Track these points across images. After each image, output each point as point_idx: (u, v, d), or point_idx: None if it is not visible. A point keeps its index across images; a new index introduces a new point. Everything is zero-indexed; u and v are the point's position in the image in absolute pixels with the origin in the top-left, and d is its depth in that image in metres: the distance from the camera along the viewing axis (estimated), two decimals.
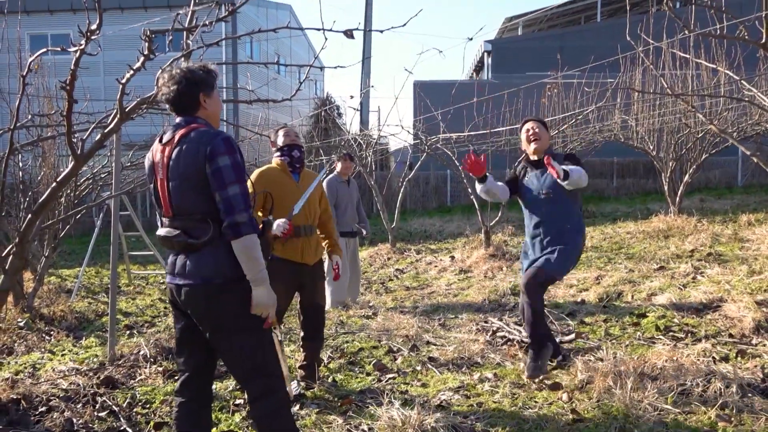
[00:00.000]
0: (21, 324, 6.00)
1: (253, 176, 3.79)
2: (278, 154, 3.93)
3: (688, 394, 3.43)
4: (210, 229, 2.42)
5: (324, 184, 6.15)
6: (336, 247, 4.24)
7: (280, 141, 3.95)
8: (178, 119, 2.58)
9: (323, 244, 4.19)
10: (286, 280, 3.71)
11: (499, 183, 4.21)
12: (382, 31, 3.39)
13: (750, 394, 3.42)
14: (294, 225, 3.66)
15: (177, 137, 2.49)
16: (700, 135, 10.37)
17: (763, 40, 4.47)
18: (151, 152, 2.61)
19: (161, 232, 2.55)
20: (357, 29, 3.12)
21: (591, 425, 3.14)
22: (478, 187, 4.12)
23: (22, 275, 6.98)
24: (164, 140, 2.54)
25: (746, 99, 6.30)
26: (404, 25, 3.39)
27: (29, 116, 5.11)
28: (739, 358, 4.10)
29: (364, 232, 7.03)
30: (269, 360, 2.57)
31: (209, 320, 2.48)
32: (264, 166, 4.06)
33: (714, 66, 6.32)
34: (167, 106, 2.60)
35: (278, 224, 3.35)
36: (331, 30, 3.16)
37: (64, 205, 7.10)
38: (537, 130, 4.10)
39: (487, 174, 4.05)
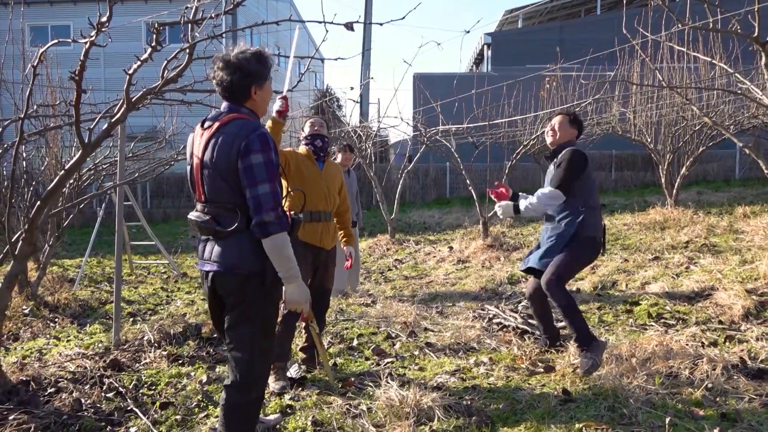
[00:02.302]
0: (26, 311, 6.11)
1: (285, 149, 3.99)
2: (304, 142, 4.11)
3: (676, 377, 3.55)
4: (238, 219, 2.46)
5: None
6: (351, 237, 4.38)
7: (305, 130, 4.14)
8: (223, 105, 2.60)
9: (339, 233, 4.32)
10: (306, 262, 3.86)
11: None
12: (382, 24, 3.48)
13: (735, 377, 3.53)
14: (314, 211, 3.89)
15: (217, 125, 2.51)
16: (697, 128, 10.46)
17: (755, 34, 4.56)
18: (192, 135, 2.64)
19: (192, 215, 2.61)
20: (357, 22, 3.20)
21: (581, 405, 3.26)
22: (522, 205, 4.19)
23: (27, 263, 7.08)
24: (206, 125, 2.57)
25: (740, 92, 6.38)
26: (403, 18, 3.49)
27: (34, 107, 5.19)
28: (727, 343, 4.22)
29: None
30: (265, 360, 2.64)
31: (229, 303, 2.56)
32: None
33: (710, 59, 6.40)
34: (216, 89, 2.59)
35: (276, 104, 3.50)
36: (332, 23, 3.25)
37: (67, 195, 7.19)
38: (556, 127, 4.20)
39: (518, 194, 4.27)
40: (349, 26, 3.23)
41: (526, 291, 4.46)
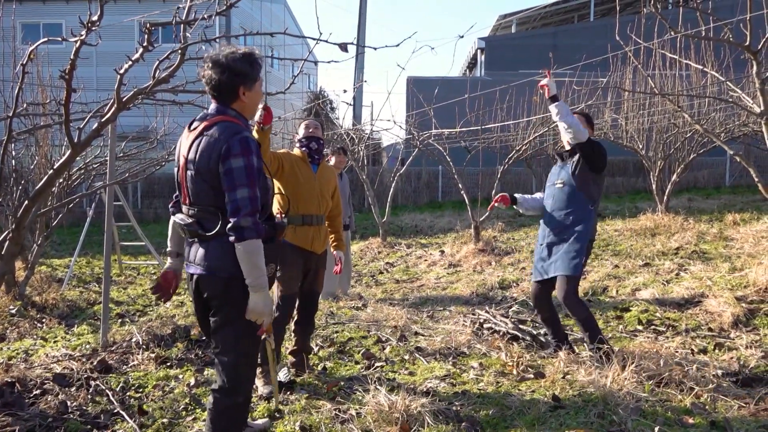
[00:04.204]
0: (13, 311, 6.04)
1: (279, 151, 3.95)
2: (298, 145, 4.06)
3: (666, 384, 3.55)
4: (219, 221, 2.46)
5: None
6: (341, 242, 4.33)
7: (300, 133, 4.09)
8: (211, 106, 2.59)
9: (330, 237, 4.29)
10: (298, 265, 3.83)
11: (537, 194, 4.58)
12: (375, 48, 3.50)
13: (725, 384, 3.54)
14: (306, 214, 3.86)
15: (201, 127, 2.50)
16: (688, 135, 10.51)
17: (747, 42, 4.59)
18: (181, 137, 2.64)
19: (177, 218, 2.60)
20: (351, 43, 3.21)
21: (571, 411, 3.25)
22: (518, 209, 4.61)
23: (14, 263, 7.01)
24: (192, 127, 2.56)
25: (731, 100, 6.42)
26: (398, 45, 3.55)
27: (24, 105, 5.15)
28: (716, 351, 4.23)
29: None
30: (250, 362, 2.64)
31: (214, 306, 2.55)
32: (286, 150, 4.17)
33: (701, 67, 6.44)
34: (206, 88, 2.58)
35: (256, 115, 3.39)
36: (327, 41, 3.25)
37: (56, 194, 7.13)
38: None
39: (516, 197, 4.55)
40: (343, 47, 3.24)
41: (532, 299, 4.47)
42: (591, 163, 4.08)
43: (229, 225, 2.40)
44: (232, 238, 2.40)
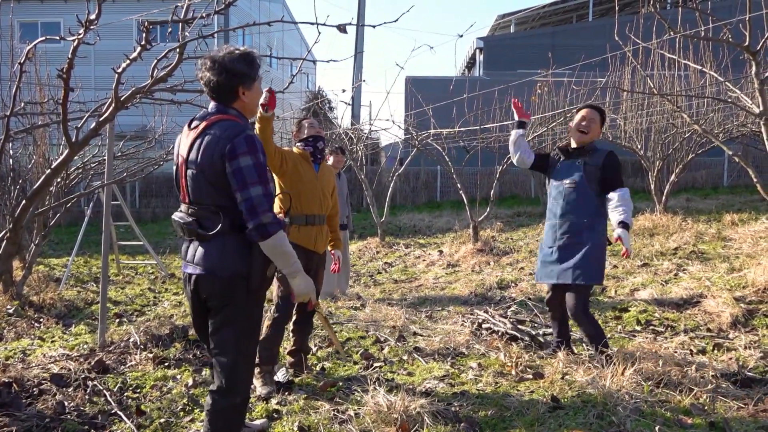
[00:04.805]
0: (10, 311, 6.02)
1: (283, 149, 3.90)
2: (301, 144, 4.00)
3: (665, 384, 3.54)
4: (220, 221, 2.44)
5: None
6: (338, 241, 4.33)
7: (305, 132, 4.02)
8: (210, 105, 2.57)
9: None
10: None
11: (531, 154, 4.35)
12: (374, 26, 3.47)
13: (724, 385, 3.54)
14: (309, 214, 3.84)
15: (203, 126, 2.49)
16: (686, 135, 10.52)
17: (746, 43, 4.59)
18: (180, 135, 2.62)
19: (176, 216, 2.58)
20: (350, 24, 3.19)
21: (570, 412, 3.25)
22: (516, 132, 4.34)
23: (12, 263, 6.99)
24: (192, 126, 2.55)
25: (730, 100, 6.42)
26: (396, 20, 3.49)
27: (21, 104, 5.14)
28: (715, 351, 4.23)
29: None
30: (250, 362, 2.63)
31: (213, 306, 2.53)
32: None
33: (700, 67, 6.44)
34: (204, 89, 2.57)
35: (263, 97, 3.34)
36: (324, 24, 3.23)
37: (54, 193, 7.12)
38: (589, 123, 4.04)
39: (527, 123, 4.39)
40: (341, 28, 3.21)
41: (546, 302, 4.39)
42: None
43: (250, 226, 2.39)
44: (255, 239, 2.39)
